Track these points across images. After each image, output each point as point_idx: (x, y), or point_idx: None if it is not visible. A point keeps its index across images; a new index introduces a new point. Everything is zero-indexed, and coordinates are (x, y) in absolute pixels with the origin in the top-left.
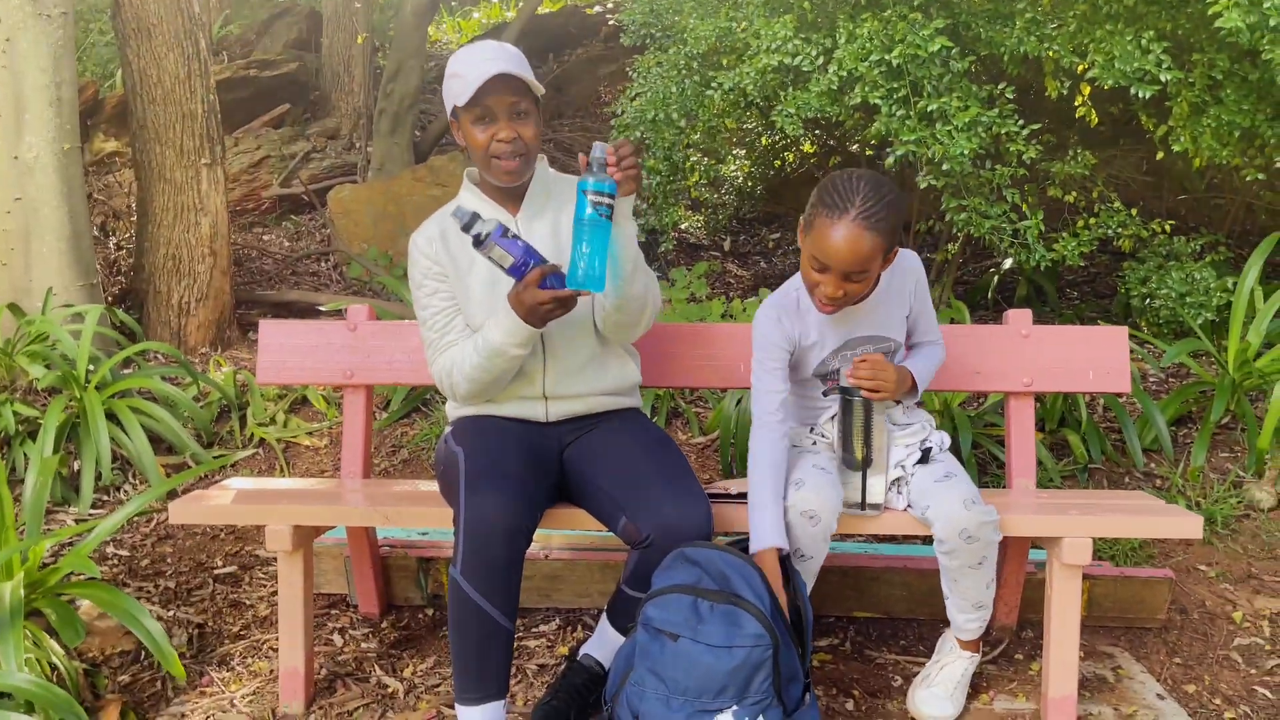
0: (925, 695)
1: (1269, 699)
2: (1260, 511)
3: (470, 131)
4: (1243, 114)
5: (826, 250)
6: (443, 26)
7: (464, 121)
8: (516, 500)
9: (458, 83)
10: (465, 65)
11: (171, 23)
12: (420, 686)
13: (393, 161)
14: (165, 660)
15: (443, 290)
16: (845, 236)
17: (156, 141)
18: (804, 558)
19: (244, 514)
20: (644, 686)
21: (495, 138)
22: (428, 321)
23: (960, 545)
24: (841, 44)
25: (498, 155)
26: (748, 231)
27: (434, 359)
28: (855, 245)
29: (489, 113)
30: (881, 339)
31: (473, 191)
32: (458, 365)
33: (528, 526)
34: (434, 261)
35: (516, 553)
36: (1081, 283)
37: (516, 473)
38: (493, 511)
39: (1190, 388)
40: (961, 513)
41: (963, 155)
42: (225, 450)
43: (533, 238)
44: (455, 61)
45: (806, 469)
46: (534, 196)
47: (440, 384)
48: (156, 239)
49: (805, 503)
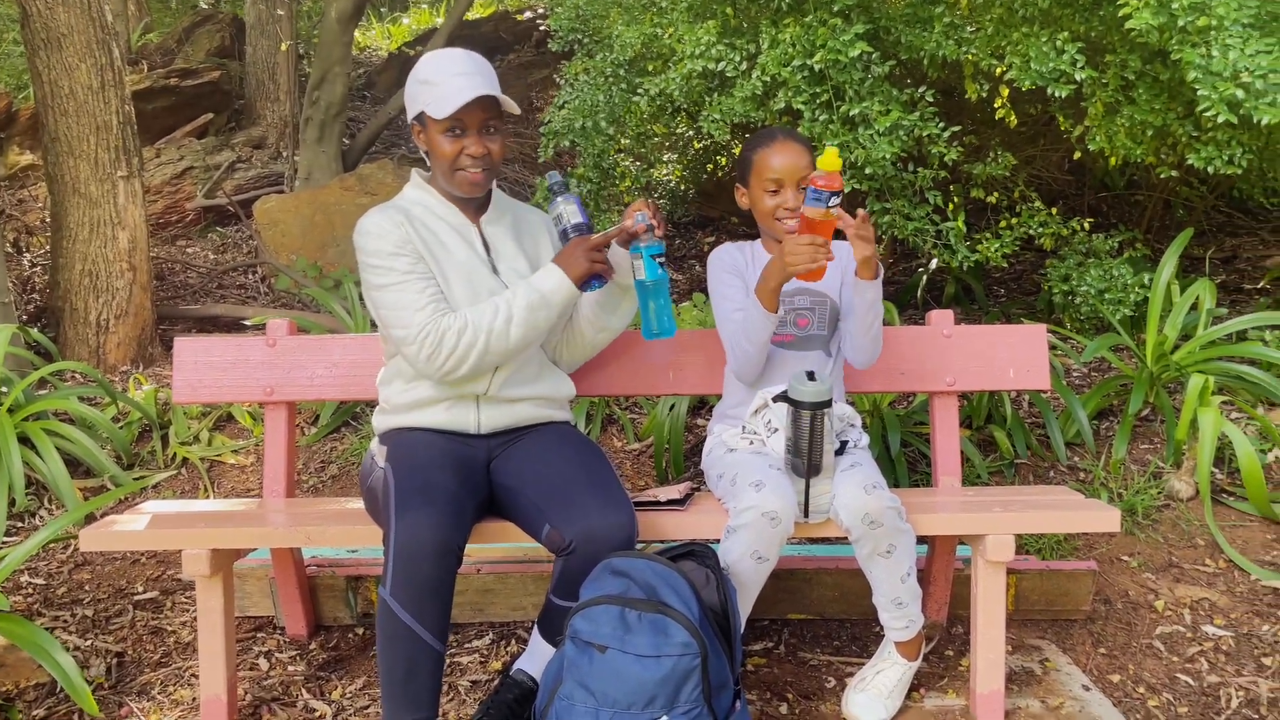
0: (859, 699)
1: (1191, 685)
2: (1179, 501)
3: (438, 141)
4: (1154, 113)
5: (775, 167)
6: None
7: (432, 130)
8: (447, 518)
9: (430, 91)
10: (440, 74)
11: (83, 32)
12: (349, 709)
13: (320, 171)
14: (77, 696)
15: (422, 264)
16: (786, 149)
17: (70, 154)
18: (761, 559)
19: (159, 539)
20: (573, 700)
21: (465, 151)
22: (410, 285)
23: (865, 531)
24: (765, 49)
25: (463, 168)
26: (682, 235)
27: (428, 318)
28: (795, 154)
29: (461, 125)
30: (819, 293)
31: (426, 190)
32: (474, 323)
33: (458, 545)
34: (405, 240)
35: (447, 572)
36: (1008, 280)
37: (447, 490)
38: (424, 530)
39: (1111, 382)
40: (863, 497)
41: (885, 159)
42: (147, 471)
43: (495, 240)
44: (427, 67)
45: (765, 470)
46: (497, 204)
47: (432, 341)
48: (72, 255)
49: (767, 504)
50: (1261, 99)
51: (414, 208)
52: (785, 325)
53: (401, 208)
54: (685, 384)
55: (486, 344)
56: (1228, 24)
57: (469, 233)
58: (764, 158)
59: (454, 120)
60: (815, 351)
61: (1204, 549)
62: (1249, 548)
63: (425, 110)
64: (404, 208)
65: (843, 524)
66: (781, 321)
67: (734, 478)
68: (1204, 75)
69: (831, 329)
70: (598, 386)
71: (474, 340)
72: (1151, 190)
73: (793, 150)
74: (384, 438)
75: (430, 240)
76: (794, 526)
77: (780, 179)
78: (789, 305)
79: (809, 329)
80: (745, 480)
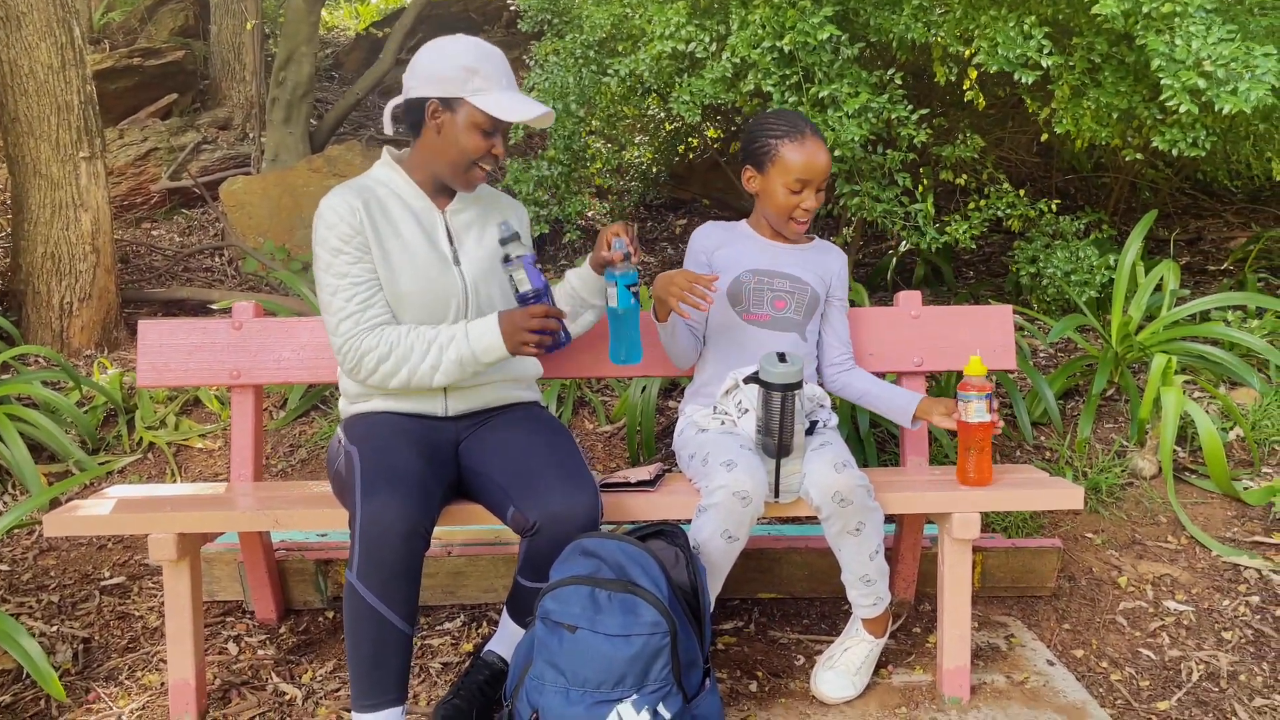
0: (827, 676)
1: (1152, 659)
2: (1143, 479)
3: (465, 132)
4: (1120, 96)
5: (805, 167)
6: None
7: (461, 117)
8: (413, 501)
9: (477, 80)
10: (489, 67)
11: (42, 10)
12: (319, 692)
13: (287, 152)
14: (43, 681)
15: (365, 260)
16: (818, 150)
17: (30, 135)
18: (732, 539)
19: (125, 523)
20: (543, 680)
21: (491, 150)
22: (343, 291)
23: (835, 509)
24: (734, 30)
25: (481, 167)
26: (654, 218)
27: (350, 332)
28: (826, 156)
29: (496, 129)
30: (799, 280)
31: (395, 170)
32: (398, 354)
33: (425, 528)
34: (356, 231)
35: (414, 555)
36: (977, 262)
37: (413, 472)
38: (389, 514)
39: (1076, 362)
40: (832, 475)
41: (854, 141)
42: (112, 456)
43: (459, 230)
44: (470, 55)
45: (735, 450)
46: (464, 195)
47: (352, 359)
48: (34, 237)
49: (739, 484)
50: (1223, 87)
51: (379, 188)
52: (762, 305)
53: (365, 187)
54: (656, 366)
55: (408, 378)
56: (1192, 10)
57: (432, 219)
58: (792, 153)
59: (497, 122)
60: (790, 334)
61: (1166, 526)
62: (1210, 524)
63: (468, 98)
64: (368, 187)
65: (813, 502)
66: (759, 301)
67: (705, 457)
68: (1167, 63)
69: (808, 316)
70: (569, 369)
71: (395, 370)
72: (1118, 172)
73: (821, 151)
74: (349, 423)
75: (384, 229)
76: (764, 506)
77: (807, 180)
78: (768, 286)
79: (785, 311)
80: (716, 460)
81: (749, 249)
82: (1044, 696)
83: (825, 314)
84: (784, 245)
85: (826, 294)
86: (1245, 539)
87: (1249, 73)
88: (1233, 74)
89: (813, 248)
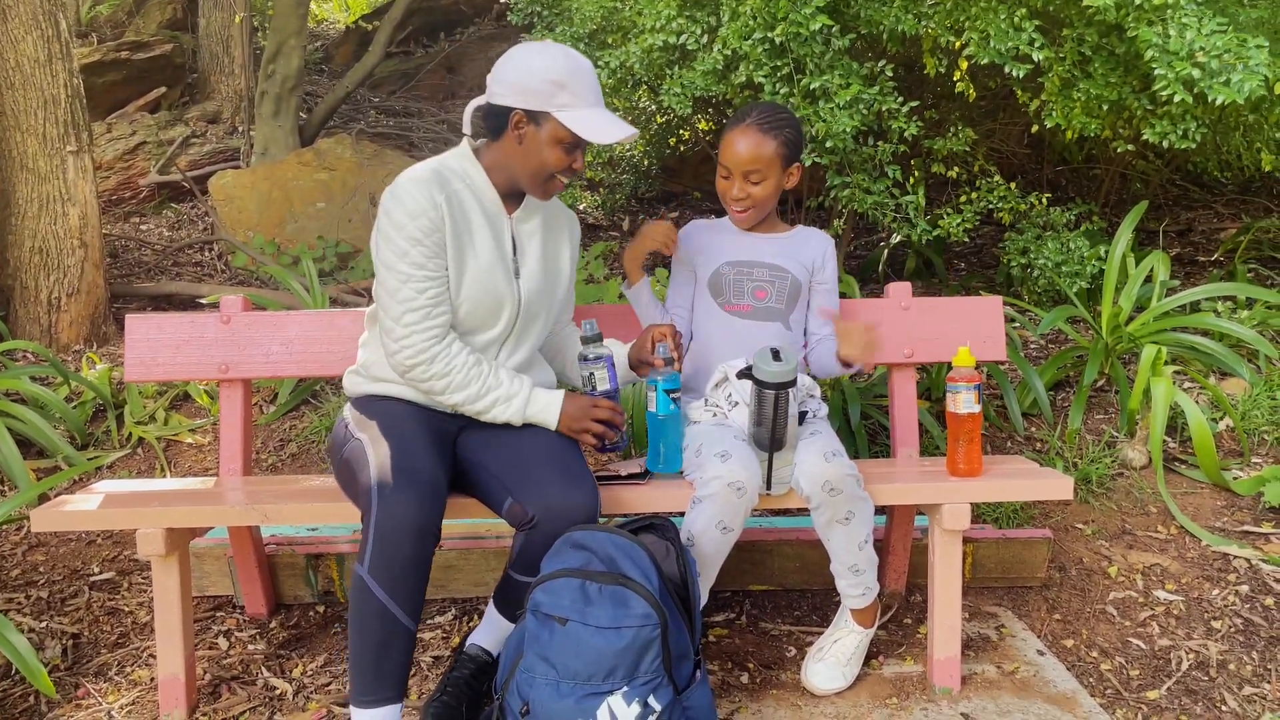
0: (818, 668)
1: (1142, 649)
2: (1133, 470)
3: (550, 147)
4: (1110, 87)
5: (728, 155)
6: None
7: (547, 133)
8: (428, 499)
9: (565, 95)
10: (578, 83)
11: (28, 3)
12: (310, 686)
13: (277, 145)
14: (32, 676)
15: (440, 256)
16: (744, 138)
17: (16, 129)
18: (726, 530)
19: (113, 519)
20: (534, 673)
21: (572, 166)
22: (415, 282)
23: (825, 499)
24: (725, 21)
25: (563, 179)
26: (646, 210)
27: (414, 324)
28: (753, 146)
29: (580, 145)
30: (779, 268)
31: (474, 164)
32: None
33: (437, 525)
34: (436, 226)
35: (426, 552)
36: (968, 254)
37: (427, 468)
38: (407, 510)
39: (1067, 353)
40: (822, 465)
41: (845, 133)
42: (101, 451)
43: (523, 240)
44: (559, 66)
45: (729, 441)
46: (530, 201)
47: (408, 356)
48: (21, 232)
49: (732, 474)
50: (1216, 78)
51: (456, 180)
52: (743, 296)
53: (444, 179)
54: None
55: (457, 401)
56: (1183, 2)
57: (500, 224)
58: (726, 141)
59: (580, 138)
60: (774, 323)
61: (1156, 516)
62: (1200, 514)
63: (554, 114)
64: (447, 179)
65: (803, 491)
66: (739, 292)
67: (699, 448)
68: (1160, 54)
69: (790, 304)
70: None
71: (445, 388)
72: (1109, 164)
73: (745, 139)
74: (358, 403)
75: (461, 230)
76: (758, 498)
77: (730, 167)
78: (747, 276)
79: (767, 300)
80: (710, 451)
81: (727, 241)
82: (1034, 686)
83: (810, 299)
84: (763, 236)
85: (810, 280)
86: (1235, 529)
87: (1241, 64)
88: (1226, 65)
89: (793, 235)
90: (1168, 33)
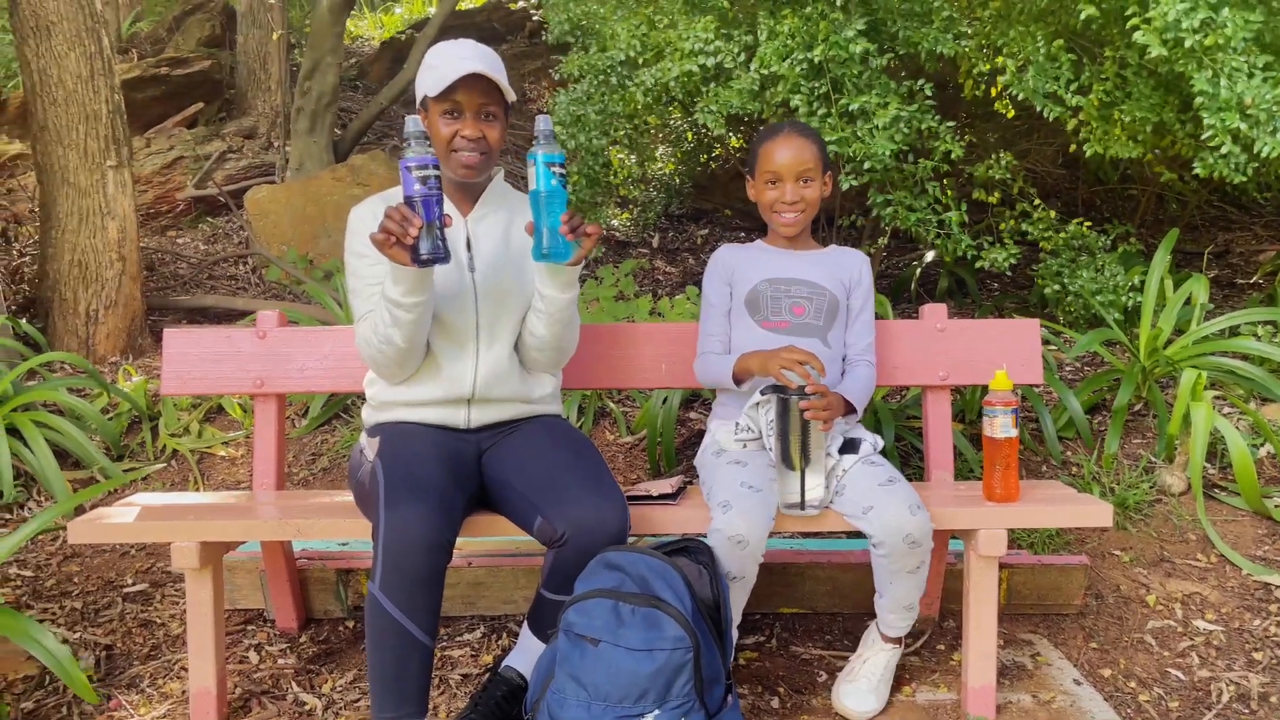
0: (849, 690)
1: (1181, 680)
2: (1171, 496)
3: (436, 123)
4: (1152, 109)
5: (777, 161)
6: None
7: (432, 112)
8: (437, 513)
9: (431, 74)
10: (441, 59)
11: (72, 20)
12: (339, 702)
13: (311, 161)
14: (73, 684)
15: (381, 267)
16: (788, 143)
17: (59, 143)
18: (734, 578)
19: (148, 531)
20: (565, 693)
21: (460, 133)
22: (361, 292)
23: (903, 550)
24: (763, 41)
25: (458, 149)
26: (676, 228)
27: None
28: (799, 148)
29: (457, 108)
30: (818, 285)
31: None
32: (375, 328)
33: (449, 540)
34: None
35: (437, 567)
36: (1001, 275)
37: (437, 484)
38: (413, 526)
39: (1103, 376)
40: (908, 518)
41: (884, 154)
42: (137, 463)
43: (479, 238)
44: (432, 54)
45: (734, 489)
46: (490, 198)
47: (363, 354)
48: (61, 245)
49: (733, 528)
50: (1263, 128)
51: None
52: (781, 312)
53: (392, 195)
54: (677, 377)
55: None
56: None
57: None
58: (765, 149)
59: (451, 103)
60: (811, 339)
61: (1195, 544)
62: (1240, 543)
63: (426, 93)
64: (396, 195)
65: (876, 536)
66: (777, 308)
67: (709, 491)
68: (1208, 101)
69: (829, 321)
70: (590, 379)
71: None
72: (1145, 185)
73: (791, 144)
74: (373, 430)
75: None
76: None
77: (779, 172)
78: (785, 293)
79: (805, 317)
80: (715, 500)
81: (762, 259)
82: (1071, 716)
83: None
84: (799, 253)
85: (847, 299)
86: (1276, 558)
87: None
88: (1274, 115)
89: (829, 253)
90: (1219, 83)
